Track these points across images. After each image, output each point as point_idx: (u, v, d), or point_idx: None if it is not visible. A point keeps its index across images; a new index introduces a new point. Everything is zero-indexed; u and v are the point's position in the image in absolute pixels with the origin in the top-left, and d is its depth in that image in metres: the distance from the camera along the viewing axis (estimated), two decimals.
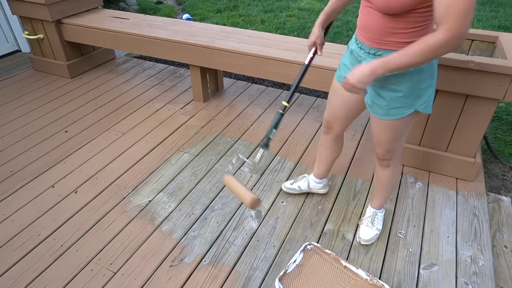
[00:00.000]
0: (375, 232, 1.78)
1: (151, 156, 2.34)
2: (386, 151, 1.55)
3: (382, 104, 1.39)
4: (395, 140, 1.49)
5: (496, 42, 2.04)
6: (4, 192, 2.07)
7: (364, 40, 1.33)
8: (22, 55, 3.77)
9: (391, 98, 1.35)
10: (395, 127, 1.43)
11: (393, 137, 1.48)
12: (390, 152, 1.55)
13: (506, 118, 2.84)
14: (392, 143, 1.51)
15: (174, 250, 1.74)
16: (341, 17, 4.92)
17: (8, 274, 1.63)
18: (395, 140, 1.49)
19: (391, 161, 1.59)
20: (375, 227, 1.79)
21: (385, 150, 1.54)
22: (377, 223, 1.80)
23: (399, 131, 1.45)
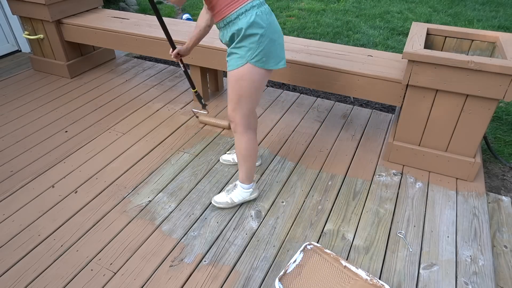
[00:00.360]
0: (227, 200, 1.92)
1: (151, 156, 2.34)
2: (230, 110, 1.71)
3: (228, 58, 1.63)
4: (235, 97, 1.65)
5: (496, 42, 2.04)
6: (4, 192, 2.07)
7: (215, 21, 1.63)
8: (22, 55, 3.77)
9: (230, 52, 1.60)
10: (232, 78, 1.62)
11: (233, 92, 1.65)
12: (233, 112, 1.70)
13: (506, 118, 2.84)
14: (232, 99, 1.67)
15: (174, 250, 1.74)
16: (341, 17, 4.93)
17: (8, 274, 1.63)
18: (235, 97, 1.65)
19: (236, 127, 1.74)
20: (229, 196, 1.92)
21: (229, 108, 1.71)
22: (232, 194, 1.92)
23: (238, 87, 1.62)
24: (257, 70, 1.59)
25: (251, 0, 1.51)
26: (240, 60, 1.57)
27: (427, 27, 2.18)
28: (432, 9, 5.22)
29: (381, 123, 2.68)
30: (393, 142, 2.21)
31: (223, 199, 1.93)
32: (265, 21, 1.52)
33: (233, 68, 1.60)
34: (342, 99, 3.07)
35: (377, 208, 1.96)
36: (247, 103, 1.67)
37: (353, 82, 2.24)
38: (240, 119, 1.71)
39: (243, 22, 1.50)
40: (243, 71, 1.58)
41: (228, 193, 1.93)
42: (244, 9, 1.50)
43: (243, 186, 1.91)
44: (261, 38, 1.52)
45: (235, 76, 1.61)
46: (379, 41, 4.21)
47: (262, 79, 1.64)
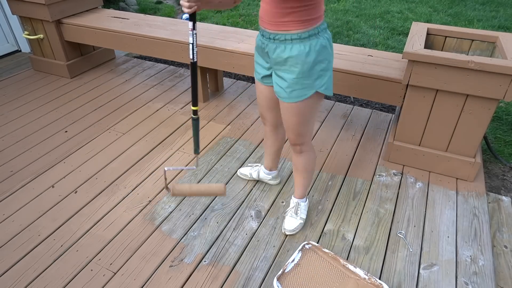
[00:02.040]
0: (299, 221, 1.82)
1: (151, 156, 2.34)
2: (296, 135, 1.60)
3: (283, 85, 1.45)
4: (302, 123, 1.55)
5: (496, 42, 2.04)
6: (4, 192, 2.07)
7: (265, 26, 1.40)
8: (22, 55, 3.77)
9: (291, 80, 1.42)
10: (299, 109, 1.49)
11: (299, 119, 1.53)
12: (300, 137, 1.61)
13: (506, 118, 2.84)
14: (299, 126, 1.56)
15: (174, 250, 1.74)
16: (341, 17, 4.93)
17: (8, 274, 1.63)
18: (302, 123, 1.55)
19: (303, 147, 1.66)
20: (298, 217, 1.83)
21: (294, 134, 1.60)
22: (300, 212, 1.84)
23: (304, 114, 1.51)
24: (321, 96, 1.50)
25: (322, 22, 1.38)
26: (308, 90, 1.42)
27: (427, 27, 2.18)
28: (432, 9, 5.22)
29: (381, 123, 2.68)
30: (393, 142, 2.21)
31: (296, 223, 1.81)
32: (332, 45, 1.44)
33: (299, 100, 1.44)
34: (342, 99, 3.07)
35: (377, 208, 1.96)
36: (312, 124, 1.59)
37: (353, 82, 2.24)
38: (308, 140, 1.64)
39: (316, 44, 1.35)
40: (309, 101, 1.46)
41: (297, 215, 1.82)
42: (317, 30, 1.35)
43: (304, 200, 1.85)
44: (330, 64, 1.43)
45: (303, 107, 1.47)
46: (379, 41, 4.21)
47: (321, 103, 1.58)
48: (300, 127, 1.57)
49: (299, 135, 1.60)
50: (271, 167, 2.02)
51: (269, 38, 1.41)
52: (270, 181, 2.08)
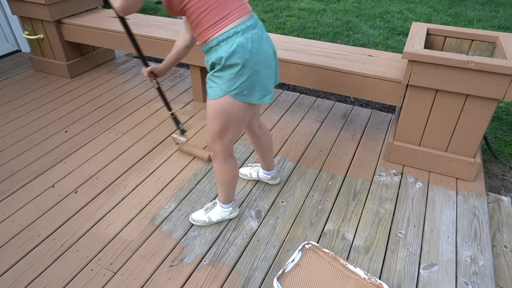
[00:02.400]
0: (204, 219, 1.83)
1: (151, 156, 2.34)
2: (210, 140, 1.57)
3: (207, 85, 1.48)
4: (215, 130, 1.51)
5: (496, 42, 2.04)
6: (4, 192, 2.07)
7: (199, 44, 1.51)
8: (22, 55, 3.77)
9: (209, 78, 1.45)
10: (211, 108, 1.47)
11: (212, 123, 1.50)
12: (213, 143, 1.57)
13: (506, 118, 2.84)
14: (212, 131, 1.53)
15: (174, 250, 1.74)
16: (341, 17, 4.93)
17: (8, 274, 1.63)
18: (215, 129, 1.51)
19: (215, 156, 1.62)
20: (207, 215, 1.83)
21: (208, 138, 1.57)
22: (211, 213, 1.83)
23: (214, 117, 1.47)
24: (237, 103, 1.43)
25: (236, 25, 1.33)
26: (218, 91, 1.42)
27: (427, 27, 2.18)
28: (432, 9, 5.22)
29: (381, 123, 2.68)
30: (393, 142, 2.21)
31: (201, 217, 1.84)
32: (248, 50, 1.34)
33: (211, 98, 1.45)
34: (342, 99, 3.07)
35: (377, 208, 1.96)
36: (228, 135, 1.54)
37: (353, 82, 2.24)
38: (220, 150, 1.59)
39: (223, 51, 1.33)
40: (221, 103, 1.43)
41: (206, 211, 1.84)
42: (227, 35, 1.33)
43: (222, 206, 1.82)
44: (243, 70, 1.36)
45: (214, 108, 1.45)
46: (379, 41, 4.21)
47: (244, 113, 1.48)
48: (212, 132, 1.53)
49: (211, 140, 1.57)
50: (268, 167, 2.02)
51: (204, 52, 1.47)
52: (270, 181, 2.08)
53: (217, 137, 1.54)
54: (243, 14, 1.36)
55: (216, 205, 1.84)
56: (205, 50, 1.42)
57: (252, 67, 1.37)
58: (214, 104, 1.45)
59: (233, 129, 1.52)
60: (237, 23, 1.34)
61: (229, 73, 1.37)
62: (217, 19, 1.33)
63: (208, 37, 1.36)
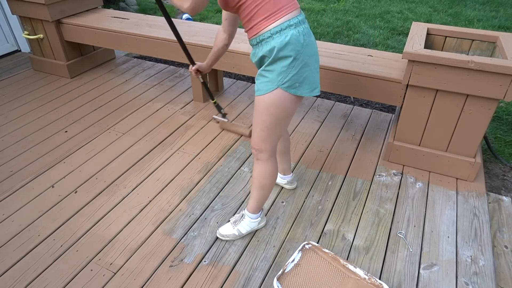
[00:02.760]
0: (233, 232, 1.76)
1: (151, 156, 2.34)
2: (256, 138, 1.55)
3: (257, 81, 1.48)
4: (264, 126, 1.50)
5: (496, 42, 2.04)
6: (4, 192, 2.07)
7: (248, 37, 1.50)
8: (22, 55, 3.77)
9: (260, 73, 1.46)
10: (261, 104, 1.47)
11: (260, 120, 1.49)
12: (260, 141, 1.55)
13: (506, 118, 2.84)
14: (260, 128, 1.51)
15: (174, 250, 1.74)
16: (341, 17, 4.93)
17: (8, 274, 1.63)
18: (263, 126, 1.50)
19: (259, 154, 1.59)
20: (236, 228, 1.76)
21: (255, 135, 1.55)
22: (240, 225, 1.76)
23: (265, 111, 1.47)
24: (288, 96, 1.43)
25: (289, 18, 1.36)
26: (269, 85, 1.42)
27: (427, 27, 2.18)
28: (432, 9, 5.22)
29: (381, 123, 2.68)
30: (393, 142, 2.21)
31: (230, 231, 1.77)
32: (301, 43, 1.37)
33: (262, 93, 1.44)
34: (342, 99, 3.07)
35: (377, 208, 1.96)
36: (276, 131, 1.53)
37: (353, 82, 2.23)
38: (268, 148, 1.56)
39: (277, 42, 1.35)
40: (273, 97, 1.43)
41: (235, 225, 1.77)
42: (280, 27, 1.35)
43: (251, 216, 1.75)
44: (294, 62, 1.38)
45: (264, 103, 1.45)
46: (379, 41, 4.21)
47: (294, 107, 1.48)
48: (260, 128, 1.51)
49: (258, 138, 1.55)
50: (284, 171, 1.99)
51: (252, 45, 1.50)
52: (286, 185, 2.04)
53: (266, 134, 1.53)
54: (294, 9, 1.39)
55: (244, 217, 1.77)
56: (255, 42, 1.43)
57: (303, 60, 1.39)
58: (265, 99, 1.45)
59: (282, 124, 1.52)
60: (289, 16, 1.37)
61: (281, 66, 1.38)
62: (271, 13, 1.36)
63: (261, 29, 1.38)
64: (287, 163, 1.97)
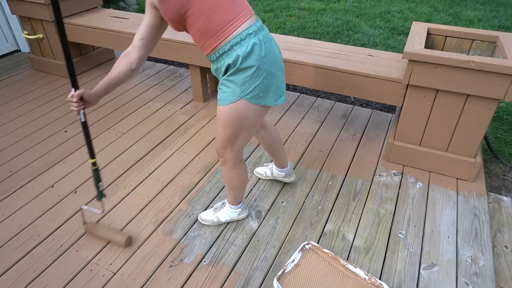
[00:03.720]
0: (213, 218, 1.82)
1: (151, 156, 2.34)
2: (220, 146, 1.53)
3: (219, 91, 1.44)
4: (227, 136, 1.47)
5: (497, 42, 2.04)
6: (4, 192, 2.06)
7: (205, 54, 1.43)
8: (21, 55, 3.76)
9: (222, 83, 1.41)
10: (222, 115, 1.43)
11: (223, 130, 1.45)
12: (222, 150, 1.53)
13: (506, 118, 2.84)
14: (222, 138, 1.48)
15: (174, 250, 1.73)
16: (341, 17, 4.92)
17: (8, 274, 1.63)
18: (226, 136, 1.47)
19: (225, 162, 1.59)
20: (215, 215, 1.82)
21: (218, 144, 1.53)
22: (219, 213, 1.81)
23: (226, 123, 1.43)
24: (252, 106, 1.39)
25: (247, 27, 1.31)
26: (232, 96, 1.37)
27: (427, 26, 2.18)
28: (433, 9, 5.21)
29: (381, 123, 2.68)
30: (394, 142, 2.20)
31: (209, 216, 1.83)
32: (263, 51, 1.33)
33: (224, 103, 1.40)
34: (342, 99, 3.07)
35: (377, 208, 1.96)
36: (240, 140, 1.50)
37: (353, 82, 2.23)
38: (231, 156, 1.55)
39: (239, 53, 1.30)
40: (235, 108, 1.38)
41: (215, 211, 1.83)
42: (239, 37, 1.30)
43: (232, 207, 1.81)
44: (258, 71, 1.33)
45: (226, 113, 1.41)
46: (379, 41, 4.20)
47: (257, 117, 1.44)
48: (223, 138, 1.49)
49: (221, 147, 1.53)
50: (280, 164, 2.00)
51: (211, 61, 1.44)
52: (284, 178, 2.05)
53: (228, 143, 1.50)
54: (250, 16, 1.34)
55: (225, 205, 1.83)
56: (215, 57, 1.37)
57: (267, 69, 1.35)
58: (226, 110, 1.40)
59: (245, 134, 1.48)
60: (247, 24, 1.32)
61: (243, 76, 1.33)
62: (227, 22, 1.29)
63: (219, 42, 1.32)
64: (280, 157, 1.96)
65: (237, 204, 1.81)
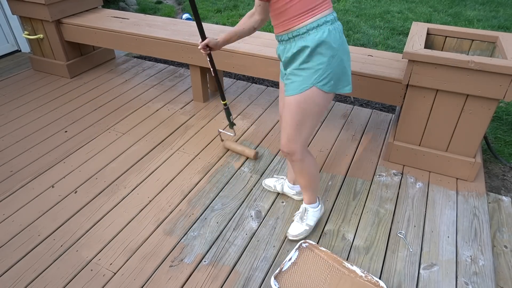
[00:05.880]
0: (304, 228, 1.77)
1: (151, 156, 2.34)
2: (286, 139, 1.53)
3: (287, 81, 1.45)
4: (296, 124, 1.47)
5: (496, 42, 2.04)
6: (4, 192, 2.07)
7: (275, 32, 1.47)
8: (22, 55, 3.77)
9: (290, 70, 1.43)
10: (292, 102, 1.43)
11: (291, 116, 1.46)
12: (290, 143, 1.53)
13: (506, 118, 2.84)
14: (291, 127, 1.49)
15: (174, 250, 1.74)
16: (341, 17, 4.93)
17: (8, 274, 1.63)
18: (296, 124, 1.47)
19: (292, 157, 1.58)
20: (304, 223, 1.78)
21: (285, 136, 1.53)
22: (307, 218, 1.78)
23: (297, 111, 1.44)
24: (322, 94, 1.41)
25: (325, 14, 1.35)
26: (304, 83, 1.39)
27: (427, 27, 2.18)
28: (432, 9, 5.22)
29: (381, 123, 2.68)
30: (393, 142, 2.21)
31: (301, 229, 1.76)
32: (337, 40, 1.37)
33: (296, 92, 1.41)
34: (342, 99, 3.07)
35: (377, 208, 1.96)
36: (308, 129, 1.50)
37: (353, 82, 2.23)
38: (299, 148, 1.54)
39: (313, 39, 1.33)
40: (307, 95, 1.40)
41: (302, 220, 1.78)
42: (317, 23, 1.33)
43: (313, 206, 1.78)
44: (331, 59, 1.36)
45: (298, 102, 1.42)
46: (379, 41, 4.21)
47: (326, 104, 1.46)
48: (292, 127, 1.49)
49: (288, 140, 1.53)
50: (294, 180, 1.96)
51: (280, 41, 1.45)
52: (294, 196, 2.00)
53: (296, 132, 1.50)
54: (330, 6, 1.38)
55: (307, 210, 1.78)
56: (287, 38, 1.40)
57: (340, 56, 1.38)
58: (297, 98, 1.42)
59: (312, 123, 1.49)
60: (326, 13, 1.36)
61: (317, 63, 1.36)
62: (307, 9, 1.33)
63: (296, 24, 1.35)
64: None
65: (316, 200, 1.80)
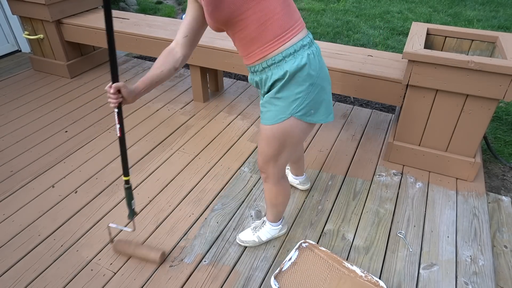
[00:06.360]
0: (253, 239, 1.72)
1: (151, 156, 2.34)
2: (262, 163, 1.44)
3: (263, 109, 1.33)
4: (272, 153, 1.38)
5: (496, 42, 2.04)
6: (4, 192, 2.07)
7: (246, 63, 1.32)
8: (22, 55, 3.77)
9: (268, 101, 1.29)
10: (268, 133, 1.32)
11: (268, 148, 1.36)
12: (266, 166, 1.44)
13: (506, 118, 2.84)
14: (267, 155, 1.39)
15: (174, 250, 1.74)
16: (341, 17, 4.93)
17: (8, 274, 1.63)
18: (271, 153, 1.37)
19: (267, 179, 1.50)
20: (256, 235, 1.73)
21: (261, 160, 1.44)
22: (260, 233, 1.72)
23: (272, 141, 1.33)
24: (300, 124, 1.29)
25: (301, 38, 1.21)
26: (281, 113, 1.26)
27: (427, 27, 2.18)
28: (432, 9, 5.22)
29: (381, 123, 2.68)
30: (393, 142, 2.21)
31: (249, 238, 1.73)
32: (316, 66, 1.23)
33: (272, 122, 1.29)
34: (342, 99, 3.07)
35: (377, 208, 1.96)
36: (284, 157, 1.41)
37: (353, 82, 2.24)
38: (274, 172, 1.46)
39: (291, 66, 1.19)
40: (282, 126, 1.28)
41: (255, 231, 1.73)
42: (293, 48, 1.19)
43: (273, 224, 1.72)
44: (311, 87, 1.23)
45: (273, 131, 1.31)
46: (379, 41, 4.21)
47: (304, 134, 1.35)
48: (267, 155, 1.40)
49: (264, 163, 1.44)
50: (296, 173, 1.98)
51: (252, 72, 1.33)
52: (299, 185, 2.02)
53: (271, 159, 1.41)
54: (303, 27, 1.24)
55: (265, 223, 1.73)
56: (261, 68, 1.26)
57: (319, 84, 1.26)
58: (273, 128, 1.30)
59: (289, 151, 1.39)
60: (301, 35, 1.22)
61: (295, 92, 1.23)
62: (282, 31, 1.18)
63: (270, 51, 1.20)
64: (300, 168, 1.95)
65: (278, 221, 1.72)
